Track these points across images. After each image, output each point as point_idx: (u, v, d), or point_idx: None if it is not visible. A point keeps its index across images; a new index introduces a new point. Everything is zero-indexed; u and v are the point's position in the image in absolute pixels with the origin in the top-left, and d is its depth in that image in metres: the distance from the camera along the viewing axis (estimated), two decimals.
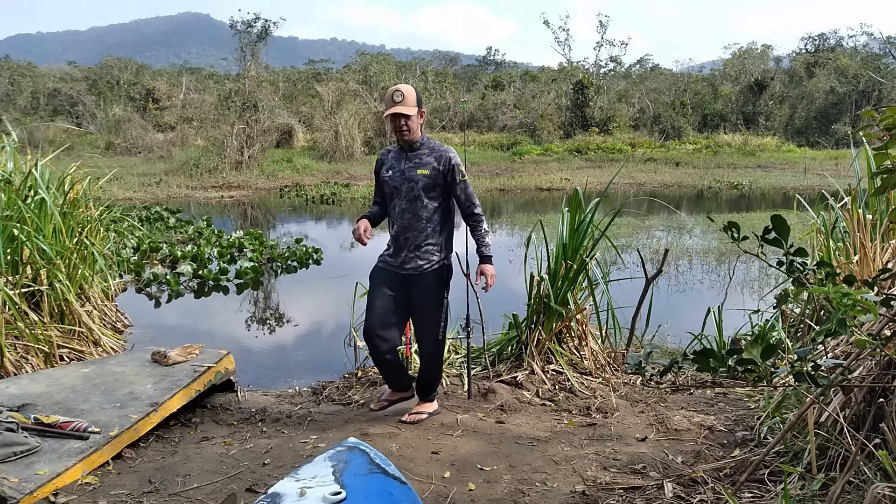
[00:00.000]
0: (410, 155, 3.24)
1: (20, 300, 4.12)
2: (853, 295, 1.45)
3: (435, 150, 3.25)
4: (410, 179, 3.21)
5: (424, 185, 3.20)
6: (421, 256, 3.24)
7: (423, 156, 3.23)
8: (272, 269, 8.00)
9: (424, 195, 3.21)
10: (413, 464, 2.89)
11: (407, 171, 3.22)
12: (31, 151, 5.26)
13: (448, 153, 3.23)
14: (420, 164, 3.22)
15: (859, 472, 2.16)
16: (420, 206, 3.22)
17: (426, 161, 3.22)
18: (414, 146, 3.23)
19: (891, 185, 1.65)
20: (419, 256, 3.24)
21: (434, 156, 3.22)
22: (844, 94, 30.80)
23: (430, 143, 3.28)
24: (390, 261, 3.32)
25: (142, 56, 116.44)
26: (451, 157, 3.23)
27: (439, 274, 3.28)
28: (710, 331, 4.46)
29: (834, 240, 4.20)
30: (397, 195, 3.26)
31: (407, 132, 3.16)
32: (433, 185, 3.21)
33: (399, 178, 3.24)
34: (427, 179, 3.20)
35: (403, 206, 3.24)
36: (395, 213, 3.28)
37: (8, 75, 31.33)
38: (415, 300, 3.28)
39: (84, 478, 2.65)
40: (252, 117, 19.78)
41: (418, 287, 3.26)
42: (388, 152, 3.38)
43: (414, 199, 3.22)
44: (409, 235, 3.24)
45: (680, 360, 1.69)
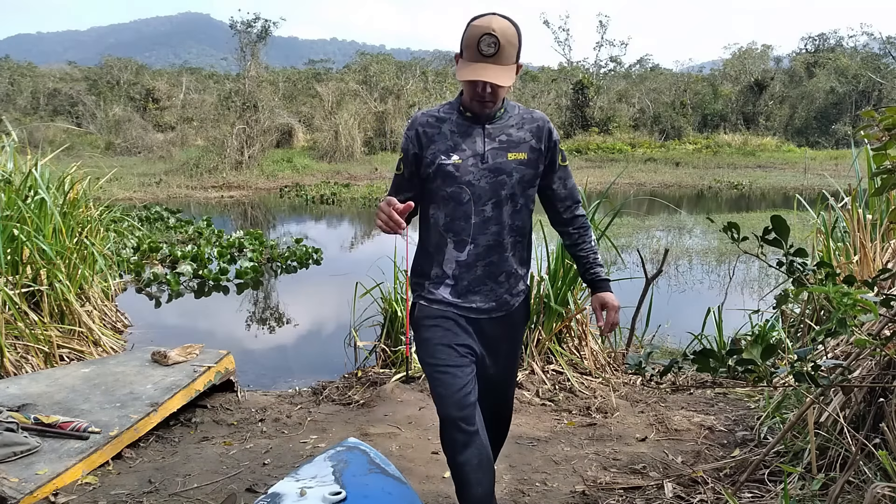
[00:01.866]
0: (491, 128, 2.01)
1: (20, 300, 4.12)
2: (853, 295, 1.45)
3: (525, 117, 2.06)
4: (499, 170, 1.99)
5: (522, 179, 2.02)
6: (511, 290, 2.11)
7: (512, 128, 2.03)
8: (272, 269, 8.00)
9: (521, 195, 2.03)
10: (413, 464, 2.89)
11: (490, 156, 1.99)
12: (31, 151, 5.26)
13: (545, 121, 2.08)
14: (511, 144, 2.01)
15: (859, 472, 2.16)
16: (512, 212, 2.04)
17: (518, 137, 2.02)
18: (496, 115, 2.02)
19: (890, 185, 1.65)
20: (509, 291, 2.11)
21: (528, 127, 2.04)
22: (844, 94, 30.81)
23: (513, 107, 2.08)
24: (458, 302, 2.06)
25: (142, 56, 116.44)
26: (550, 127, 2.08)
27: (526, 307, 2.24)
28: (710, 331, 4.46)
29: (834, 240, 4.20)
30: (471, 198, 2.00)
31: (492, 105, 1.96)
32: (533, 177, 2.05)
33: (476, 168, 1.98)
34: (525, 169, 2.02)
35: (487, 214, 2.01)
36: (464, 227, 2.02)
37: (8, 75, 31.33)
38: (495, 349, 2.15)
39: (84, 478, 2.65)
40: (252, 117, 19.78)
41: (503, 330, 2.15)
42: (436, 119, 2.04)
43: (503, 203, 2.01)
44: (493, 260, 2.04)
45: (680, 361, 1.69)
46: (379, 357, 4.33)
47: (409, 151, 2.03)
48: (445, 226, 2.04)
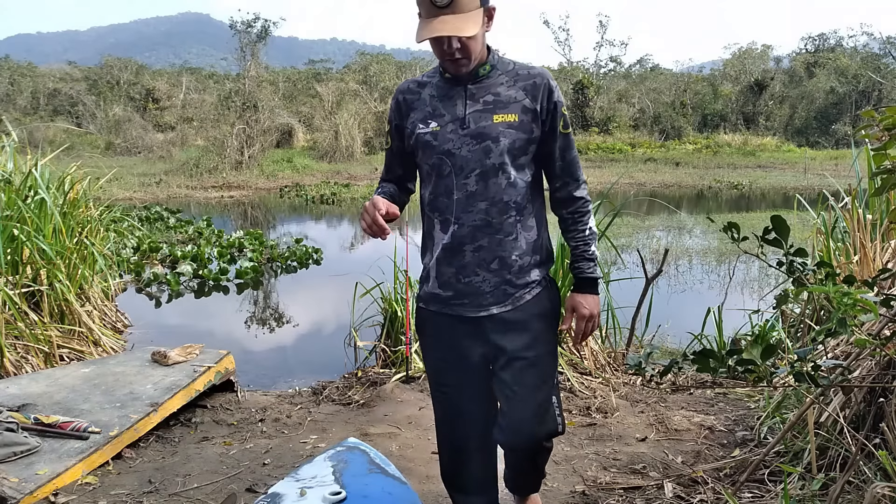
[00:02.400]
0: (474, 89, 1.74)
1: (20, 300, 4.12)
2: (853, 294, 1.45)
3: (521, 73, 1.76)
4: (482, 135, 1.71)
5: (512, 146, 1.72)
6: (512, 279, 1.79)
7: (501, 86, 1.74)
8: (272, 269, 8.00)
9: (511, 163, 1.73)
10: (413, 464, 2.88)
11: (472, 120, 1.72)
12: (31, 151, 5.26)
13: (544, 77, 1.76)
14: (498, 104, 1.73)
15: (859, 472, 2.16)
16: (504, 185, 1.74)
17: (507, 96, 1.73)
18: (479, 73, 1.74)
19: (890, 185, 1.65)
20: (511, 282, 1.79)
21: (522, 84, 1.74)
22: (844, 94, 30.81)
23: (506, 63, 1.79)
24: (448, 297, 1.82)
25: (142, 56, 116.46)
26: (551, 85, 1.75)
27: (547, 300, 1.85)
28: (710, 331, 4.46)
29: (834, 240, 4.20)
30: (452, 170, 1.74)
31: (465, 61, 1.68)
32: (526, 143, 1.75)
33: (456, 135, 1.73)
34: (516, 133, 1.72)
35: (471, 188, 1.74)
36: (446, 205, 1.77)
37: (8, 75, 31.33)
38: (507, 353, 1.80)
39: (84, 478, 2.65)
40: (252, 117, 19.79)
41: (514, 330, 1.80)
42: (417, 84, 1.83)
43: (490, 174, 1.73)
44: (482, 244, 1.75)
45: (680, 361, 1.69)
46: (379, 357, 4.33)
47: (392, 122, 1.86)
48: (430, 204, 1.81)
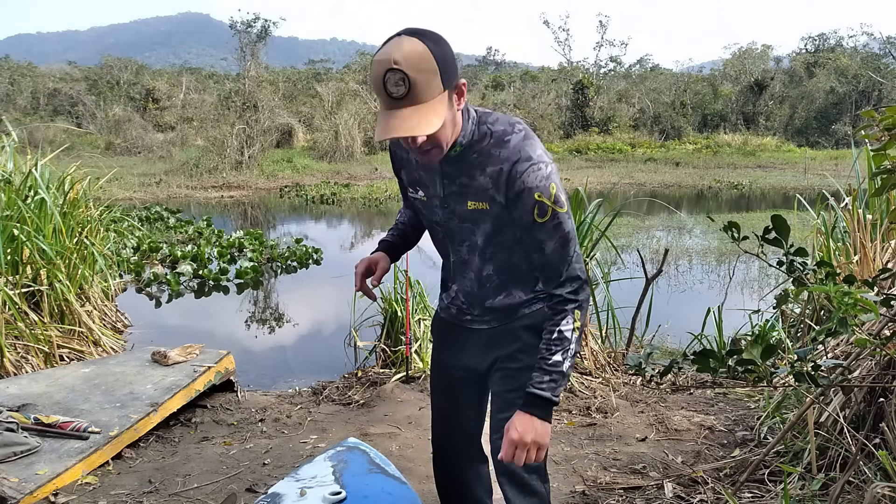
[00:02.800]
0: (448, 168, 1.60)
1: (20, 300, 4.12)
2: (853, 294, 1.45)
3: (492, 155, 1.54)
4: (462, 217, 1.64)
5: (490, 231, 1.62)
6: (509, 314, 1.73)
7: (474, 168, 1.57)
8: (272, 269, 8.01)
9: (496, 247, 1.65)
10: (413, 464, 2.89)
11: (450, 201, 1.63)
12: (31, 151, 5.26)
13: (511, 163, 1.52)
14: (470, 190, 1.59)
15: (859, 472, 2.16)
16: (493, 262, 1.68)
17: (479, 183, 1.57)
18: (454, 150, 1.56)
19: (890, 185, 1.65)
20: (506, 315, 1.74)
21: (491, 171, 1.55)
22: (844, 94, 30.80)
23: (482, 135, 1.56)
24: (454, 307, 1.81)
25: (142, 56, 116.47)
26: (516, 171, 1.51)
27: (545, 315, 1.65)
28: (710, 331, 4.46)
29: (834, 240, 4.20)
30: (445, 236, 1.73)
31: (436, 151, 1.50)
32: (504, 230, 1.62)
33: (440, 209, 1.67)
34: (491, 221, 1.61)
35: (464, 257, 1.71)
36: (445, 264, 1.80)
37: (8, 75, 31.32)
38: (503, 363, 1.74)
39: (84, 478, 2.65)
40: (252, 117, 19.78)
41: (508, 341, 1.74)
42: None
43: (477, 249, 1.67)
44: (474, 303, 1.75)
45: (680, 361, 1.69)
46: (379, 357, 4.34)
47: (394, 168, 1.79)
48: (437, 250, 1.82)
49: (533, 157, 1.52)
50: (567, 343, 1.56)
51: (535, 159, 1.52)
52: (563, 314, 1.57)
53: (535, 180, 1.51)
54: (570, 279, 1.58)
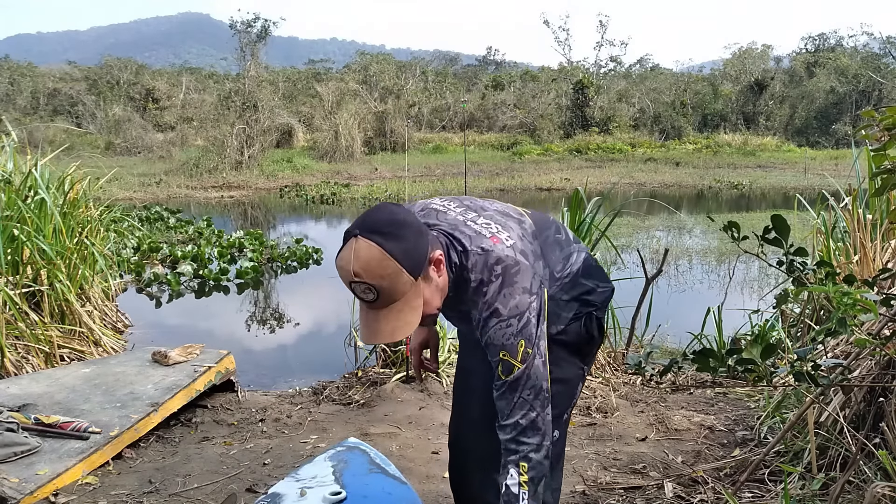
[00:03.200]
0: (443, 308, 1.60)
1: (20, 300, 4.12)
2: (853, 294, 1.45)
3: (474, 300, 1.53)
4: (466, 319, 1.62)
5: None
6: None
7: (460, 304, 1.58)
8: (272, 269, 8.01)
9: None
10: (413, 464, 2.89)
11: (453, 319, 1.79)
12: (30, 151, 5.26)
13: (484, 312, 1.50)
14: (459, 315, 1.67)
15: (859, 472, 2.16)
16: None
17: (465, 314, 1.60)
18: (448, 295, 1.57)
19: (890, 185, 1.65)
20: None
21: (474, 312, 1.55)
22: (844, 94, 30.79)
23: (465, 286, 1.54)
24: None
25: (142, 56, 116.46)
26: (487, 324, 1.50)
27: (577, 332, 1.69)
28: (710, 331, 4.46)
29: (834, 240, 4.20)
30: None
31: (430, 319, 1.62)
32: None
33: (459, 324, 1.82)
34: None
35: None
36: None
37: (8, 75, 31.30)
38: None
39: (84, 478, 2.65)
40: (252, 117, 19.78)
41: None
42: None
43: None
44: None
45: (680, 360, 1.69)
46: (379, 357, 4.33)
47: None
48: None
49: (503, 312, 1.47)
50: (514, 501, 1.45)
51: (506, 314, 1.47)
52: (506, 466, 1.49)
53: (501, 338, 1.48)
54: (511, 425, 1.49)
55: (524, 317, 1.48)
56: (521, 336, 1.47)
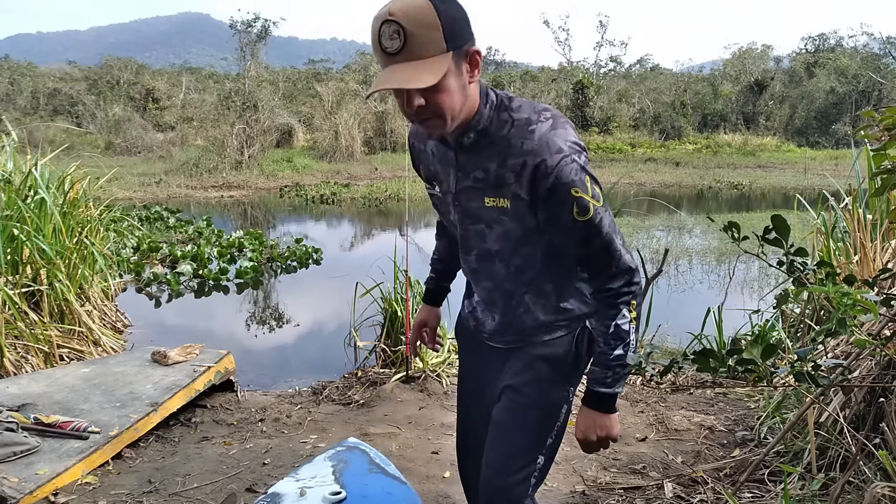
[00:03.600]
0: (464, 159, 1.45)
1: (20, 300, 4.12)
2: (853, 294, 1.45)
3: (513, 147, 1.37)
4: (475, 217, 1.48)
5: (506, 234, 1.46)
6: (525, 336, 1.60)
7: (491, 161, 1.40)
8: (272, 269, 8.00)
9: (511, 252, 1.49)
10: (413, 464, 2.89)
11: (463, 198, 1.49)
12: (30, 151, 5.26)
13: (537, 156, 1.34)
14: (488, 184, 1.42)
15: (859, 472, 2.16)
16: (502, 273, 1.54)
17: (497, 176, 1.40)
18: (466, 137, 1.41)
19: (890, 185, 1.65)
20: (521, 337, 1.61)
21: (512, 163, 1.37)
22: (844, 94, 30.80)
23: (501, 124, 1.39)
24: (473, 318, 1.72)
25: (142, 56, 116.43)
26: (546, 166, 1.34)
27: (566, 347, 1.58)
28: (710, 331, 4.46)
29: (834, 240, 4.20)
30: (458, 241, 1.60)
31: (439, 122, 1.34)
32: (525, 235, 1.45)
33: (454, 208, 1.53)
34: (510, 221, 1.43)
35: (473, 266, 1.58)
36: (465, 270, 1.66)
37: (8, 75, 31.30)
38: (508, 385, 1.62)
39: (84, 478, 2.65)
40: (252, 117, 19.77)
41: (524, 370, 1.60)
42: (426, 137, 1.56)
43: (487, 258, 1.53)
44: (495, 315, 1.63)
45: (680, 360, 1.69)
46: (379, 357, 4.33)
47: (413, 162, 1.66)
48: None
49: (564, 148, 1.35)
50: (626, 337, 1.47)
51: (567, 151, 1.35)
52: (617, 308, 1.46)
53: (570, 174, 1.35)
54: (621, 272, 1.45)
55: (583, 156, 1.38)
56: (585, 173, 1.37)
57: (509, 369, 1.62)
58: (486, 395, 1.70)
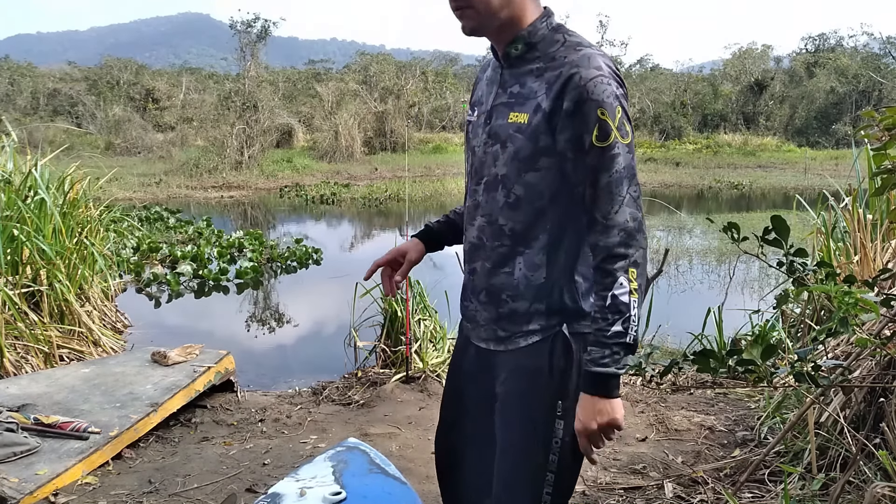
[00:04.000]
0: (508, 75, 1.41)
1: (20, 300, 4.12)
2: (854, 294, 1.45)
3: (556, 59, 1.33)
4: (496, 136, 1.40)
5: (516, 154, 1.37)
6: (503, 321, 1.46)
7: (531, 74, 1.37)
8: (272, 269, 8.00)
9: (515, 177, 1.38)
10: (413, 464, 2.89)
11: (494, 115, 1.42)
12: (30, 151, 5.26)
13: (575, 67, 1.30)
14: (519, 98, 1.37)
15: (859, 472, 2.16)
16: (501, 202, 1.42)
17: (529, 89, 1.36)
18: (514, 47, 1.39)
19: (890, 185, 1.65)
20: (499, 319, 1.47)
21: (549, 75, 1.33)
22: (844, 94, 30.78)
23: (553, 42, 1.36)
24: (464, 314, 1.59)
25: (142, 56, 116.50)
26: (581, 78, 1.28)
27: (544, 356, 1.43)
28: (710, 331, 4.46)
29: (834, 240, 4.20)
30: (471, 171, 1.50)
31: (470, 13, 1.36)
32: (533, 155, 1.35)
33: (481, 129, 1.46)
34: (522, 139, 1.36)
35: (476, 198, 1.47)
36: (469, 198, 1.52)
37: (8, 75, 31.28)
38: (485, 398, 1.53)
39: (84, 478, 2.65)
40: (252, 117, 19.77)
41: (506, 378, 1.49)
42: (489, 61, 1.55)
43: (491, 185, 1.43)
44: (475, 267, 1.50)
45: (680, 361, 1.69)
46: (379, 357, 4.33)
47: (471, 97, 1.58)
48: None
49: (604, 68, 1.30)
50: (625, 310, 1.30)
51: (606, 72, 1.29)
52: (614, 276, 1.30)
53: (602, 93, 1.27)
54: (618, 226, 1.30)
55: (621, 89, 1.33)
56: (619, 103, 1.30)
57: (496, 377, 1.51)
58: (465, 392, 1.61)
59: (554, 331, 1.42)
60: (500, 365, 1.49)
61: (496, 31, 1.38)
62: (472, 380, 1.58)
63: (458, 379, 1.64)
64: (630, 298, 1.30)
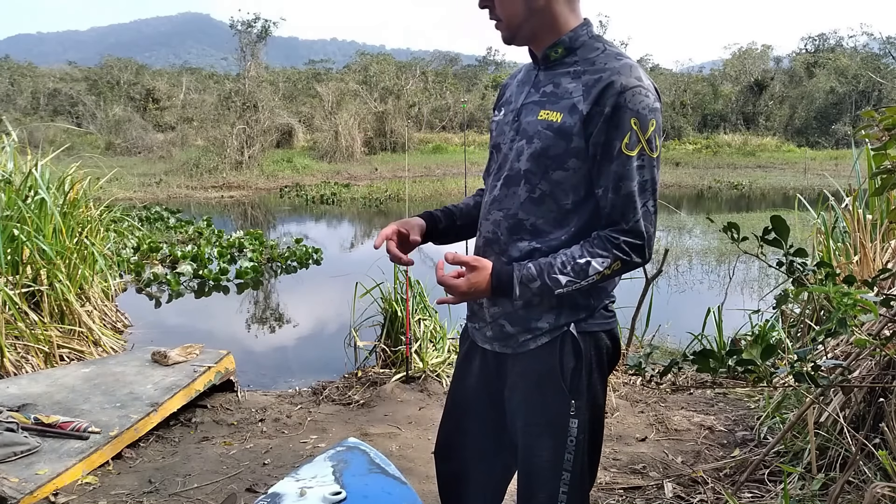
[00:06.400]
0: (542, 76, 1.44)
1: (20, 300, 4.12)
2: (853, 294, 1.45)
3: (596, 65, 1.36)
4: (522, 132, 1.43)
5: (543, 152, 1.38)
6: (514, 319, 1.46)
7: (567, 76, 1.39)
8: (272, 269, 8.01)
9: (540, 174, 1.40)
10: (413, 464, 2.89)
11: (524, 112, 1.44)
12: (31, 151, 5.26)
13: (616, 74, 1.33)
14: (552, 98, 1.40)
15: (859, 472, 2.17)
16: (523, 197, 1.43)
17: (564, 89, 1.38)
18: (554, 50, 1.42)
19: (890, 185, 1.65)
20: (510, 320, 1.47)
21: (586, 79, 1.36)
22: (844, 94, 30.78)
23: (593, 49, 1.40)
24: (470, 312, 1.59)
25: (142, 56, 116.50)
26: (620, 86, 1.32)
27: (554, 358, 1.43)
28: (710, 331, 4.46)
29: (834, 240, 4.20)
30: (494, 167, 1.53)
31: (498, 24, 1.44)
32: (563, 154, 1.37)
33: (508, 127, 1.48)
34: (552, 137, 1.37)
35: (495, 192, 1.48)
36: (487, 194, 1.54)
37: (8, 75, 31.30)
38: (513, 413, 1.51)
39: (84, 478, 2.65)
40: (252, 117, 19.78)
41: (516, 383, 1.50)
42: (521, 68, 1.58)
43: (513, 180, 1.44)
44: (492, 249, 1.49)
45: (680, 361, 1.69)
46: (379, 357, 4.33)
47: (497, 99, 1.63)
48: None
49: (644, 81, 1.35)
50: (582, 279, 1.34)
51: (646, 85, 1.35)
52: (603, 253, 1.35)
53: (639, 104, 1.33)
54: (632, 232, 1.37)
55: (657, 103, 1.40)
56: (654, 116, 1.37)
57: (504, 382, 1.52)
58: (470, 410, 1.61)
59: (562, 331, 1.43)
60: (509, 370, 1.50)
61: (529, 39, 1.44)
62: (477, 396, 1.59)
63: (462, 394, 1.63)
64: (596, 273, 1.35)
